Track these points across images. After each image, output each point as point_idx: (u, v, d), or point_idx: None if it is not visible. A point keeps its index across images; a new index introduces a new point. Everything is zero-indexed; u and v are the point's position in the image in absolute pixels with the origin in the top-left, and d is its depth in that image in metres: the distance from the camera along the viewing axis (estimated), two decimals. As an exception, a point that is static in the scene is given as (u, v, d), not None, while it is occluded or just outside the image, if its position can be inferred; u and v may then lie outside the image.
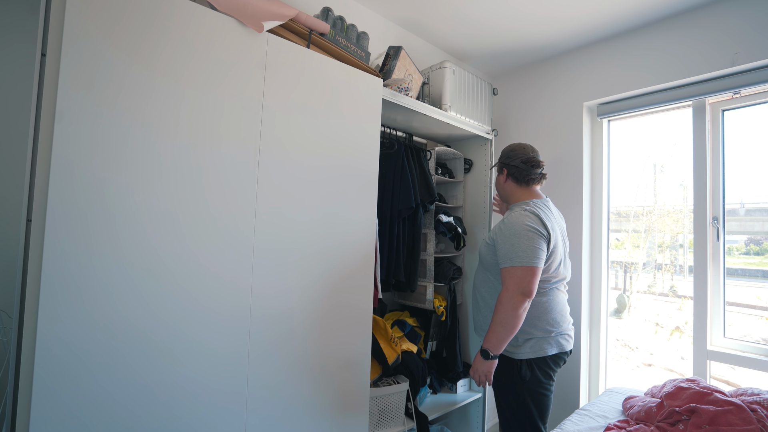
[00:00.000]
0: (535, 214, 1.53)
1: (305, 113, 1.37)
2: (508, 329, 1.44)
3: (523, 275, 1.44)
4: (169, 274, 1.07)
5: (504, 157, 1.71)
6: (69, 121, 0.92)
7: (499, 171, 1.74)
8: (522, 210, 1.56)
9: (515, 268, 1.45)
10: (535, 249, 1.46)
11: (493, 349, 1.46)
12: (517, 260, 1.45)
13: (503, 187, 1.73)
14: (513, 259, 1.46)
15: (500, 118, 2.86)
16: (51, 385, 0.90)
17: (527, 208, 1.57)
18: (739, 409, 1.30)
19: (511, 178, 1.68)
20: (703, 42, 2.02)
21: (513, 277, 1.45)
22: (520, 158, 1.66)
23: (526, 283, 1.43)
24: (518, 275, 1.44)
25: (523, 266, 1.44)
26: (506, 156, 1.70)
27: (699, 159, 2.10)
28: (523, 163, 1.65)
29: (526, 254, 1.45)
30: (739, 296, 2.08)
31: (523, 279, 1.43)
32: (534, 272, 1.44)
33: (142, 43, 1.03)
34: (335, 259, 1.45)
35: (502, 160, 1.71)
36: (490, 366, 1.49)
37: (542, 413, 1.55)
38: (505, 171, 1.69)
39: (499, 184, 1.75)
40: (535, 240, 1.47)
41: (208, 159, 1.14)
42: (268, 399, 1.27)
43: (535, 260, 1.45)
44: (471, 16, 2.21)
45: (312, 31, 1.41)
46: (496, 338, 1.45)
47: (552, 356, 1.56)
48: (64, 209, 0.92)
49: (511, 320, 1.43)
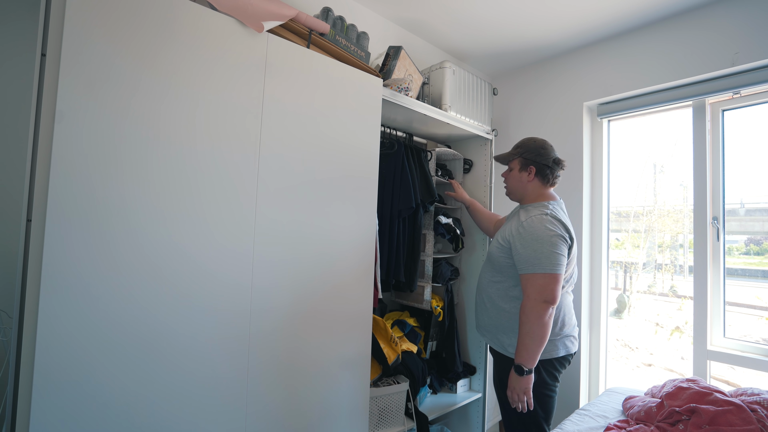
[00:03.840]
0: (557, 219, 1.47)
1: (305, 113, 1.37)
2: (537, 340, 1.38)
3: (546, 283, 1.38)
4: (169, 274, 1.07)
5: (533, 153, 1.57)
6: (69, 121, 0.92)
7: (522, 166, 1.59)
8: (543, 214, 1.48)
9: (537, 276, 1.40)
10: (558, 255, 1.40)
11: (527, 364, 1.40)
12: (539, 267, 1.39)
13: (524, 185, 1.59)
14: (535, 266, 1.40)
15: (500, 118, 2.86)
16: (51, 385, 0.90)
17: (548, 211, 1.49)
18: (739, 409, 1.30)
19: (539, 177, 1.57)
20: (703, 42, 2.02)
21: (535, 285, 1.40)
22: (552, 158, 1.56)
23: (549, 290, 1.38)
24: (540, 283, 1.39)
25: (546, 274, 1.39)
26: (536, 153, 1.56)
27: (699, 159, 2.10)
28: (555, 163, 1.57)
29: (550, 261, 1.39)
30: (739, 296, 2.08)
31: (547, 287, 1.38)
32: (557, 279, 1.39)
33: (142, 43, 1.03)
34: (336, 259, 1.45)
35: (531, 156, 1.56)
36: (527, 382, 1.41)
37: (547, 414, 1.54)
38: (533, 169, 1.56)
39: (516, 180, 1.61)
40: (557, 246, 1.41)
41: (208, 159, 1.14)
42: (268, 399, 1.27)
43: (558, 267, 1.40)
44: (471, 17, 2.21)
45: (312, 31, 1.41)
46: (527, 352, 1.39)
47: (558, 358, 1.54)
48: (64, 209, 0.92)
49: (538, 330, 1.37)
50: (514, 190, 1.65)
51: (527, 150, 1.59)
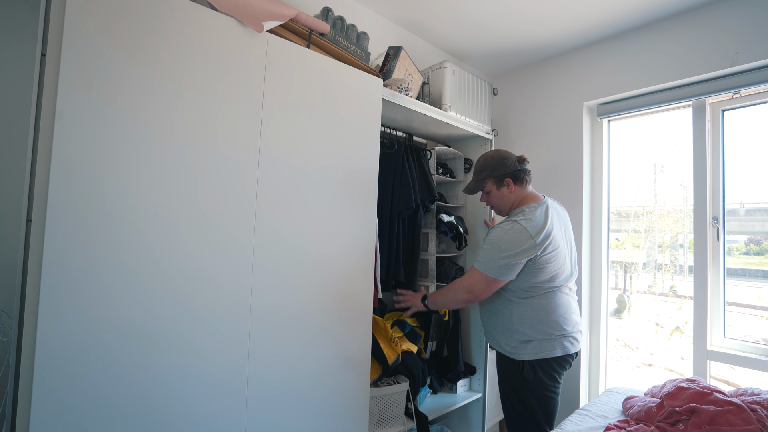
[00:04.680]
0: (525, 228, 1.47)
1: (305, 113, 1.37)
2: (444, 303, 1.69)
3: (480, 280, 1.53)
4: (169, 274, 1.07)
5: (499, 167, 1.61)
6: (69, 121, 0.92)
7: (498, 184, 1.63)
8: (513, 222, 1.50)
9: (478, 272, 1.54)
10: (504, 266, 1.48)
11: (430, 301, 1.72)
12: (482, 265, 1.53)
13: (508, 197, 1.64)
14: (480, 262, 1.54)
15: (500, 118, 2.86)
16: (51, 385, 0.90)
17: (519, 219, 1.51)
18: (739, 409, 1.30)
19: (517, 183, 1.63)
20: (703, 42, 2.02)
21: (472, 278, 1.56)
22: (514, 160, 1.63)
23: (478, 287, 1.54)
24: (476, 278, 1.54)
25: (485, 275, 1.52)
26: (501, 165, 1.61)
27: (699, 159, 2.10)
28: (520, 162, 1.63)
29: (492, 265, 1.50)
30: (740, 296, 2.08)
31: (478, 283, 1.54)
32: (490, 283, 1.53)
33: (142, 43, 1.03)
34: (335, 259, 1.45)
35: (500, 171, 1.61)
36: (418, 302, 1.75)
37: (548, 416, 1.54)
38: (509, 180, 1.62)
39: (499, 198, 1.66)
40: (509, 257, 1.46)
41: (208, 159, 1.14)
42: (269, 399, 1.27)
43: (498, 274, 1.50)
44: (471, 17, 2.20)
45: (312, 31, 1.40)
46: (434, 300, 1.71)
47: (556, 358, 1.54)
48: (64, 209, 0.92)
49: (449, 300, 1.66)
50: (502, 206, 1.69)
51: (493, 168, 1.63)
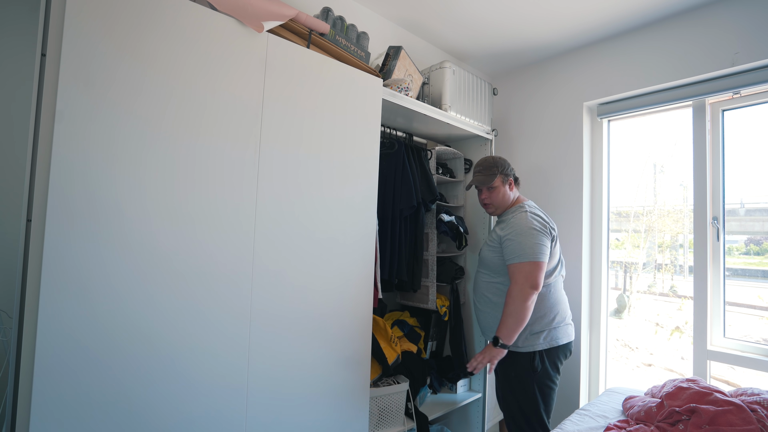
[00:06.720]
0: (536, 215, 1.67)
1: (305, 113, 1.37)
2: (519, 320, 1.54)
3: (530, 269, 1.55)
4: (169, 273, 1.07)
5: (506, 167, 1.79)
6: (69, 121, 0.92)
7: (504, 181, 1.79)
8: (524, 212, 1.69)
9: (523, 264, 1.56)
10: (540, 246, 1.58)
11: (505, 339, 1.55)
12: (524, 256, 1.56)
13: (507, 195, 1.79)
14: (521, 255, 1.57)
15: (500, 118, 2.86)
16: (51, 384, 0.90)
17: (527, 209, 1.70)
18: (739, 409, 1.30)
19: (516, 183, 1.84)
20: (703, 42, 2.02)
21: (521, 272, 1.56)
22: (508, 163, 1.82)
23: (534, 276, 1.55)
24: (527, 270, 1.56)
25: (530, 261, 1.56)
26: (506, 166, 1.80)
27: (699, 159, 2.10)
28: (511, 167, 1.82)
29: (533, 250, 1.57)
30: (740, 296, 2.08)
31: (531, 273, 1.55)
32: (540, 266, 1.56)
33: (142, 43, 1.03)
34: (335, 258, 1.45)
35: (507, 170, 1.80)
36: (499, 353, 1.58)
37: (547, 407, 1.63)
38: (511, 180, 1.80)
39: (501, 195, 1.78)
40: (539, 237, 1.59)
41: (209, 159, 1.14)
42: (269, 399, 1.27)
43: (541, 255, 1.57)
44: (471, 17, 2.20)
45: (312, 31, 1.40)
46: (507, 329, 1.55)
47: (561, 347, 1.67)
48: (64, 209, 0.92)
49: (521, 311, 1.53)
50: (500, 204, 1.80)
51: (503, 166, 1.81)
